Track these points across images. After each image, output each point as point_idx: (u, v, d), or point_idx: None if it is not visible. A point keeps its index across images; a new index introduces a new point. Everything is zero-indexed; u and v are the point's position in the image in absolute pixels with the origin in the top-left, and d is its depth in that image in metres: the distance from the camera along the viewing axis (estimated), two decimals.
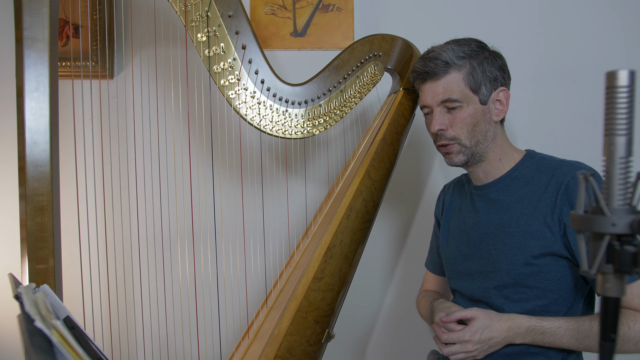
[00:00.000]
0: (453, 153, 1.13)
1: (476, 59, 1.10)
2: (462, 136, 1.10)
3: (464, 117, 1.10)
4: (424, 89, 1.15)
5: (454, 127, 1.11)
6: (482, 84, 1.10)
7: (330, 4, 1.61)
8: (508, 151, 1.16)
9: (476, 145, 1.11)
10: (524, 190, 1.10)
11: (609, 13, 1.66)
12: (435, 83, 1.11)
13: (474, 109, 1.10)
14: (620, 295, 0.51)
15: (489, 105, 1.12)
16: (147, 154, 1.45)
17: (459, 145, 1.11)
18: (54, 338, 0.56)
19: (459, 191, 1.30)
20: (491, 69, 1.11)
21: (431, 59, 1.12)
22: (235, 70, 1.20)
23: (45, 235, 0.98)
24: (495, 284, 1.10)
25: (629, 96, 0.49)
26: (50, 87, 0.99)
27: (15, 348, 1.53)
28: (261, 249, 1.56)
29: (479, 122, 1.10)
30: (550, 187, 1.05)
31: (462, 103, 1.09)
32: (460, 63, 1.10)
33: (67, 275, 1.09)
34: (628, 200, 0.50)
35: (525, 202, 1.09)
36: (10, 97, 1.52)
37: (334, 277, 1.18)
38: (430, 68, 1.11)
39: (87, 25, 1.52)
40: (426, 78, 1.13)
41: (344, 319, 1.60)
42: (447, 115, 1.11)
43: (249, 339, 1.20)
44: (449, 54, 1.10)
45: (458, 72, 1.10)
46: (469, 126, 1.10)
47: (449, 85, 1.10)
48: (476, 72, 1.10)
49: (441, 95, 1.10)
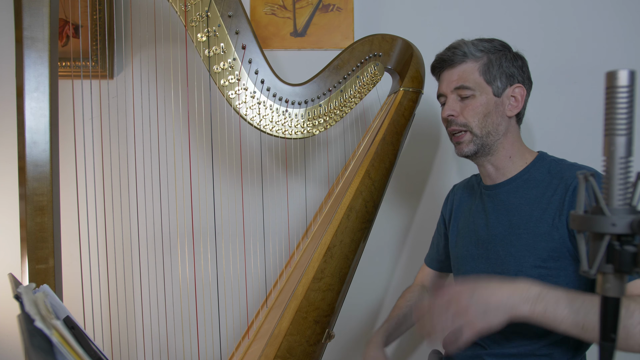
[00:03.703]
0: (464, 143, 1.14)
1: (495, 54, 1.14)
2: (473, 124, 1.12)
3: (475, 105, 1.12)
4: (441, 77, 1.19)
5: (465, 114, 1.13)
6: (497, 77, 1.13)
7: (330, 4, 1.61)
8: (520, 151, 1.16)
9: (487, 136, 1.12)
10: (534, 192, 1.10)
11: (609, 13, 1.66)
12: (452, 71, 1.15)
13: (487, 99, 1.12)
14: (620, 295, 0.51)
15: (503, 99, 1.14)
16: (147, 154, 1.45)
17: (470, 134, 1.13)
18: (54, 338, 0.56)
19: (469, 192, 1.30)
20: (509, 65, 1.14)
21: (451, 48, 1.16)
22: (235, 70, 1.20)
23: (45, 235, 0.98)
24: None
25: (629, 96, 0.49)
26: (50, 87, 0.99)
27: (15, 348, 1.53)
28: (261, 249, 1.56)
29: (490, 112, 1.12)
30: (559, 190, 1.06)
31: (475, 92, 1.12)
32: (478, 55, 1.13)
33: (67, 275, 1.09)
34: (628, 200, 0.50)
35: (535, 205, 1.08)
36: (10, 97, 1.52)
37: (334, 277, 1.18)
38: (447, 56, 1.15)
39: (87, 25, 1.52)
40: (443, 66, 1.17)
41: (344, 319, 1.60)
42: (459, 103, 1.14)
43: (249, 339, 1.20)
44: (468, 46, 1.14)
45: (474, 62, 1.13)
46: (479, 115, 1.12)
47: (464, 73, 1.13)
48: (493, 66, 1.13)
49: (455, 82, 1.14)
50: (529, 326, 1.01)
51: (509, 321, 0.86)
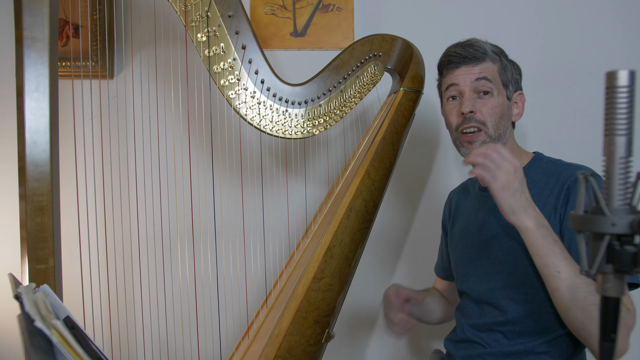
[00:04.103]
0: (477, 142, 1.11)
1: (505, 59, 1.15)
2: (490, 124, 1.10)
3: (494, 104, 1.11)
4: (456, 72, 1.13)
5: (483, 113, 1.11)
6: (509, 82, 1.13)
7: (330, 4, 1.61)
8: (517, 152, 1.17)
9: (498, 138, 1.11)
10: (531, 192, 1.10)
11: (609, 13, 1.66)
12: (472, 67, 1.12)
13: (502, 101, 1.12)
14: (620, 295, 0.51)
15: (512, 104, 1.15)
16: (147, 154, 1.45)
17: (485, 135, 1.10)
18: (54, 338, 0.56)
19: (465, 195, 1.31)
20: (514, 71, 1.15)
21: (470, 45, 1.12)
22: (235, 70, 1.20)
23: (45, 235, 0.98)
24: (501, 285, 1.09)
25: (629, 96, 0.49)
26: (50, 87, 0.99)
27: (15, 348, 1.53)
28: (261, 249, 1.56)
29: (504, 115, 1.12)
30: (555, 189, 1.07)
31: (494, 90, 1.11)
32: (495, 57, 1.13)
33: (67, 275, 1.09)
34: (628, 200, 0.50)
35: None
36: (10, 97, 1.52)
37: (334, 277, 1.18)
38: (469, 53, 1.11)
39: (87, 25, 1.52)
40: (462, 63, 1.12)
41: (344, 319, 1.60)
42: (477, 100, 1.11)
43: (249, 339, 1.20)
44: (487, 46, 1.13)
45: (493, 63, 1.12)
46: (496, 115, 1.11)
47: (486, 70, 1.11)
48: (507, 70, 1.13)
49: (477, 74, 1.11)
50: (528, 324, 1.03)
51: (512, 219, 0.93)
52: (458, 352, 1.16)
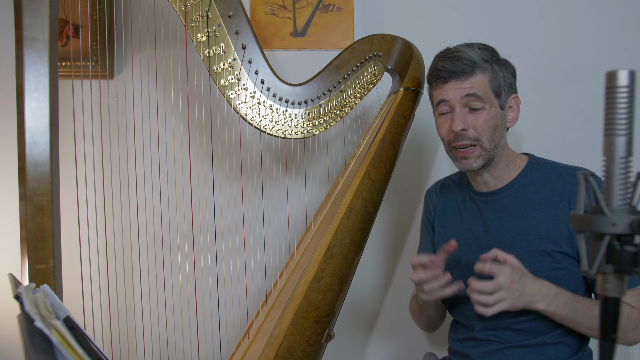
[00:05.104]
0: (472, 158, 1.09)
1: (497, 63, 1.10)
2: (484, 139, 1.08)
3: (487, 119, 1.07)
4: (445, 87, 1.09)
5: (476, 129, 1.08)
6: (502, 89, 1.10)
7: (330, 4, 1.61)
8: (512, 156, 1.16)
9: (494, 150, 1.10)
10: (537, 197, 1.11)
11: (609, 13, 1.66)
12: (462, 83, 1.07)
13: (495, 112, 1.09)
14: (620, 295, 0.51)
15: (506, 110, 1.12)
16: (147, 154, 1.45)
17: (480, 149, 1.08)
18: (54, 338, 0.56)
19: (449, 195, 1.27)
20: (507, 74, 1.11)
21: (458, 57, 1.07)
22: (235, 70, 1.20)
23: (45, 235, 0.98)
24: None
25: (629, 96, 0.49)
26: (50, 87, 0.99)
27: (15, 348, 1.53)
28: (261, 249, 1.56)
29: (498, 126, 1.10)
30: (565, 195, 1.08)
31: (485, 105, 1.08)
32: (485, 66, 1.08)
33: (67, 275, 1.09)
34: (628, 200, 0.50)
35: (542, 209, 1.09)
36: (10, 97, 1.52)
37: (334, 277, 1.18)
38: (458, 67, 1.06)
39: (87, 25, 1.52)
40: (451, 78, 1.08)
41: (344, 319, 1.60)
42: (469, 115, 1.08)
43: (249, 339, 1.20)
44: (476, 54, 1.07)
45: (483, 74, 1.08)
46: (490, 129, 1.08)
47: (476, 84, 1.07)
48: (498, 77, 1.09)
49: (467, 89, 1.07)
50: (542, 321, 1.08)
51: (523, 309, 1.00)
52: (472, 351, 1.14)
